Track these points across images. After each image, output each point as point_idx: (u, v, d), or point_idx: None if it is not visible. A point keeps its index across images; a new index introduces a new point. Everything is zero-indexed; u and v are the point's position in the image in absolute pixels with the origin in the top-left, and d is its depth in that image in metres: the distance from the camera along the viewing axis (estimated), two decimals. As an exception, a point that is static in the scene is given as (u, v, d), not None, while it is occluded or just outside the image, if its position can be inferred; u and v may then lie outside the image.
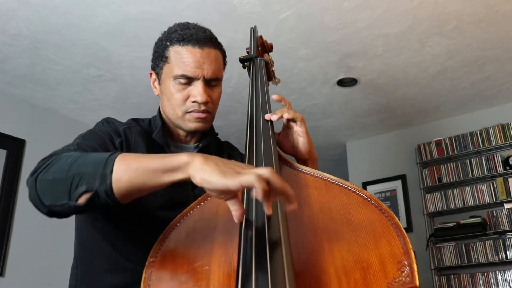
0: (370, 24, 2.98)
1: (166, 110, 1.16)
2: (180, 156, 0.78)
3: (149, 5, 2.74)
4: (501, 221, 3.82)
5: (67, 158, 0.85)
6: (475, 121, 4.23)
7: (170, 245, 0.85)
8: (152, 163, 0.79)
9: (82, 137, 1.05)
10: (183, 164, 0.76)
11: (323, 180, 0.92)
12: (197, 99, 1.11)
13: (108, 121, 1.16)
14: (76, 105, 3.90)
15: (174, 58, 1.13)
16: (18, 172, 3.58)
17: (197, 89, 1.11)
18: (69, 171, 0.82)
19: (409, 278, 0.68)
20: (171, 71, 1.12)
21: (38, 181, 0.84)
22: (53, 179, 0.83)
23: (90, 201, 0.80)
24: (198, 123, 1.14)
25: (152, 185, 0.79)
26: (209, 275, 0.76)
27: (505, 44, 3.25)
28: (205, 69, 1.12)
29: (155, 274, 0.80)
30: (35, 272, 3.43)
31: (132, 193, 0.81)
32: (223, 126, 4.40)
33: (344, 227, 0.80)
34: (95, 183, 0.79)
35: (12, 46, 3.07)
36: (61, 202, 0.82)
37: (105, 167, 0.79)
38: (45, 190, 0.83)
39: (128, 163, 0.80)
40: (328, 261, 0.74)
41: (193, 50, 1.12)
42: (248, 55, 1.38)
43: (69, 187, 0.81)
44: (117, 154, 0.82)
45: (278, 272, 0.66)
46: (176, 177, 0.77)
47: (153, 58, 1.19)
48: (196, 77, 1.11)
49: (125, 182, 0.79)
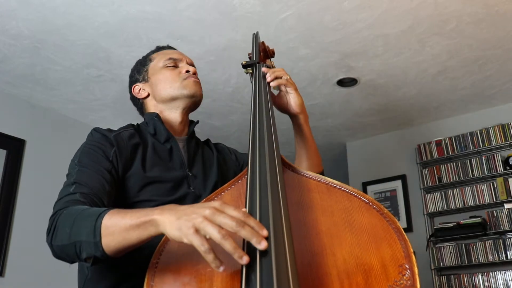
0: (370, 24, 2.99)
1: (162, 92, 1.32)
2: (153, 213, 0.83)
3: (149, 5, 2.74)
4: (501, 221, 3.82)
5: (66, 221, 0.95)
6: (475, 121, 4.23)
7: (173, 247, 0.85)
8: (129, 221, 0.85)
9: (79, 165, 1.11)
10: (154, 222, 0.81)
11: (325, 184, 0.93)
12: (189, 68, 1.34)
13: (97, 130, 1.23)
14: (76, 105, 3.90)
15: (156, 56, 1.39)
16: (18, 172, 3.58)
17: (185, 65, 1.35)
18: (70, 238, 0.92)
19: (410, 281, 0.69)
20: (158, 62, 1.36)
21: (54, 246, 0.96)
22: (61, 245, 0.94)
23: (94, 262, 0.90)
24: (196, 86, 1.32)
25: (136, 241, 0.85)
26: (212, 276, 0.77)
27: (505, 44, 3.25)
28: (185, 56, 1.39)
29: (158, 275, 0.80)
30: (35, 272, 3.43)
31: (123, 250, 0.88)
32: (223, 126, 4.40)
33: (346, 230, 0.81)
34: (91, 251, 0.89)
35: (12, 46, 3.07)
36: (77, 260, 0.95)
37: (95, 236, 0.88)
38: (62, 254, 0.95)
39: (112, 227, 0.87)
40: (330, 264, 0.74)
41: (169, 50, 1.43)
42: (250, 61, 1.40)
43: (75, 252, 0.91)
44: (102, 218, 0.89)
45: (282, 274, 0.67)
46: (152, 233, 0.83)
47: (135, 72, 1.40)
48: (181, 60, 1.36)
49: (113, 246, 0.87)
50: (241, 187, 0.98)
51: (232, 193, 1.00)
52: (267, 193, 0.85)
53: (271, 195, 0.84)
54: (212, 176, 1.26)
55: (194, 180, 1.22)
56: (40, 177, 3.66)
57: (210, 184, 1.24)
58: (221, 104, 3.98)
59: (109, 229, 0.87)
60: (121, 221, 0.87)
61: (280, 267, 0.68)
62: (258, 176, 0.91)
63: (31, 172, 3.65)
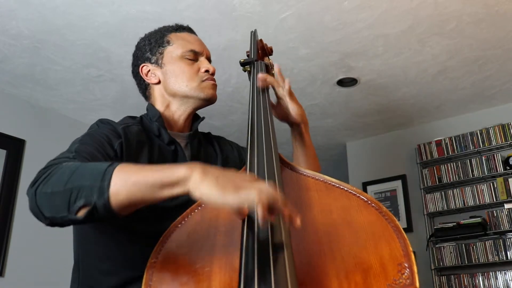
0: (370, 24, 2.99)
1: (177, 87, 1.23)
2: (179, 169, 0.76)
3: (149, 5, 2.74)
4: (501, 221, 3.82)
5: (65, 169, 0.84)
6: (475, 121, 4.23)
7: (172, 246, 0.85)
8: (150, 176, 0.77)
9: (80, 142, 1.03)
10: (182, 179, 0.75)
11: (324, 182, 0.92)
12: (209, 68, 1.24)
13: (103, 121, 1.16)
14: (76, 105, 3.90)
15: (176, 40, 1.26)
16: (18, 172, 3.58)
17: (206, 62, 1.26)
18: (67, 183, 0.80)
19: (410, 280, 0.69)
20: (177, 50, 1.24)
21: (38, 193, 0.83)
22: (51, 192, 0.81)
23: (89, 214, 0.79)
24: (213, 90, 1.26)
25: (151, 199, 0.78)
26: (210, 276, 0.77)
27: (505, 44, 3.25)
28: (205, 49, 1.29)
29: (156, 275, 0.80)
30: (35, 272, 3.43)
31: (130, 207, 0.80)
32: (223, 126, 4.40)
33: (344, 229, 0.80)
34: (93, 197, 0.78)
35: (12, 46, 3.07)
36: (60, 215, 0.81)
37: (103, 180, 0.78)
38: (44, 203, 0.82)
39: (126, 176, 0.78)
40: (329, 263, 0.74)
41: (190, 35, 1.30)
42: (249, 59, 1.39)
43: (68, 200, 0.79)
44: (115, 166, 0.80)
45: (280, 274, 0.67)
46: (175, 192, 0.76)
47: (146, 50, 1.26)
48: (201, 53, 1.26)
49: (123, 195, 0.77)
50: None
51: None
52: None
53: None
54: None
55: None
56: (40, 177, 3.66)
57: None
58: (221, 104, 3.98)
59: (123, 177, 0.78)
60: (139, 172, 0.78)
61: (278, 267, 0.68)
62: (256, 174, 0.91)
63: (31, 172, 3.60)
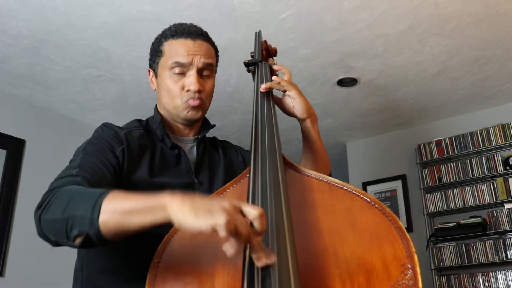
0: (370, 24, 2.99)
1: (164, 102, 1.22)
2: (162, 196, 0.78)
3: (149, 5, 2.74)
4: (501, 221, 3.82)
5: (63, 196, 0.89)
6: (475, 121, 4.23)
7: (175, 247, 0.85)
8: (135, 203, 0.80)
9: (83, 152, 1.07)
10: (163, 206, 0.77)
11: (327, 183, 0.92)
12: (191, 87, 1.17)
13: (107, 126, 1.18)
14: (76, 105, 3.90)
15: (168, 51, 1.20)
16: (18, 172, 3.57)
17: (191, 78, 1.17)
18: (64, 212, 0.85)
19: (413, 281, 0.69)
20: (166, 63, 1.19)
21: (41, 220, 0.88)
22: (52, 220, 0.87)
23: (84, 242, 0.83)
24: (192, 111, 1.19)
25: (137, 225, 0.80)
26: (213, 276, 0.77)
27: (505, 44, 3.25)
28: (197, 57, 1.18)
29: (160, 275, 0.80)
30: (35, 272, 3.43)
31: (120, 234, 0.83)
32: (223, 126, 4.40)
33: (348, 230, 0.80)
34: (85, 227, 0.82)
35: (12, 46, 3.07)
36: (62, 240, 0.86)
37: (93, 212, 0.81)
38: (48, 229, 0.88)
39: (114, 205, 0.82)
40: (332, 264, 0.74)
41: (185, 42, 1.20)
42: (253, 59, 1.40)
43: (65, 229, 0.84)
44: (105, 196, 0.83)
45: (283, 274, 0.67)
46: (157, 218, 0.78)
47: (150, 56, 1.26)
48: (189, 65, 1.17)
49: (111, 225, 0.81)
50: (243, 187, 0.98)
51: (233, 193, 0.99)
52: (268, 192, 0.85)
53: (273, 194, 0.84)
54: (218, 183, 1.23)
55: (200, 187, 1.19)
56: (40, 177, 3.65)
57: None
58: (221, 104, 3.98)
59: (111, 207, 0.82)
60: (125, 201, 0.82)
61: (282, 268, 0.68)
62: (260, 175, 0.91)
63: (31, 172, 3.64)
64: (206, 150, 1.30)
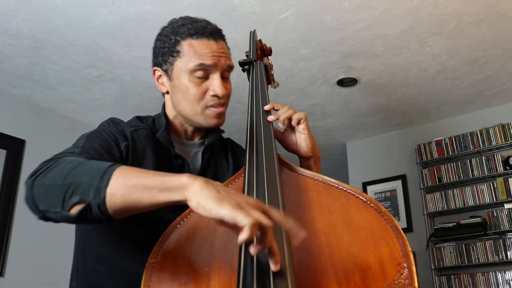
0: (370, 24, 2.98)
1: (181, 107, 1.12)
2: (180, 176, 0.74)
3: (149, 5, 2.74)
4: (501, 221, 3.82)
5: (67, 163, 0.82)
6: (475, 121, 4.23)
7: (170, 247, 0.85)
8: (151, 179, 0.76)
9: (87, 138, 1.01)
10: (182, 186, 0.73)
11: (323, 183, 0.92)
12: (218, 92, 1.09)
13: (114, 121, 1.13)
14: (76, 105, 3.90)
15: (188, 52, 1.10)
16: (18, 172, 3.58)
17: (216, 82, 1.10)
18: (66, 178, 0.78)
19: (408, 280, 0.69)
20: (186, 65, 1.09)
21: (35, 184, 0.81)
22: (49, 184, 0.80)
23: (82, 213, 0.77)
24: (218, 118, 1.13)
25: (147, 203, 0.75)
26: (209, 276, 0.77)
27: (505, 44, 3.25)
28: (222, 59, 1.11)
29: (155, 275, 0.80)
30: (35, 272, 3.43)
31: (125, 210, 0.77)
32: (223, 126, 4.39)
33: (343, 229, 0.80)
34: (89, 195, 0.76)
35: (12, 46, 3.07)
36: (54, 210, 0.79)
37: (102, 180, 0.76)
38: (40, 195, 0.80)
39: (126, 178, 0.76)
40: (328, 263, 0.74)
41: (208, 42, 1.11)
42: (248, 59, 1.38)
43: (63, 195, 0.77)
44: (116, 166, 0.78)
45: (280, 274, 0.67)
46: (173, 198, 0.74)
47: (159, 54, 1.14)
48: (214, 68, 1.10)
49: (119, 197, 0.75)
50: (237, 187, 0.98)
51: None
52: (264, 192, 0.85)
53: (268, 194, 0.84)
54: None
55: None
56: (40, 177, 3.66)
57: None
58: (221, 104, 3.97)
59: (122, 179, 0.75)
60: (139, 175, 0.76)
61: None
62: (255, 175, 0.91)
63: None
64: (212, 156, 1.22)
